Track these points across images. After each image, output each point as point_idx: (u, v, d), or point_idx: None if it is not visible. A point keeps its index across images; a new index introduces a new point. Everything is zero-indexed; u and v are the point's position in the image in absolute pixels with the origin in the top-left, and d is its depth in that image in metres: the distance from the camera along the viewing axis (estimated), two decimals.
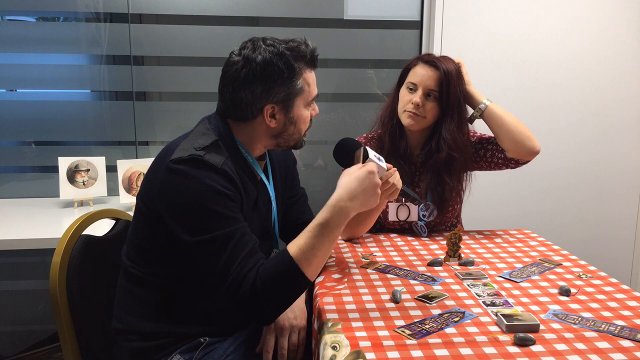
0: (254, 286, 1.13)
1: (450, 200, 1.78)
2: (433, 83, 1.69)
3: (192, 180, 1.18)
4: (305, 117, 1.36)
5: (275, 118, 1.31)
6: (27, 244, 1.85)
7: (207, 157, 1.21)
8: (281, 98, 1.28)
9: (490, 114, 1.72)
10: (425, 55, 1.76)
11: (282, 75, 1.26)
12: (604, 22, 2.59)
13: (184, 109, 2.52)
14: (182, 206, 1.19)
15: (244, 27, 2.48)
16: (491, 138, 1.78)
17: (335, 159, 1.46)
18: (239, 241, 1.18)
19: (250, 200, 1.35)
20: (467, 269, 1.51)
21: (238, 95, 1.28)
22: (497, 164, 1.77)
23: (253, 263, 1.17)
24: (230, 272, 1.15)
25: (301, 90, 1.30)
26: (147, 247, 1.29)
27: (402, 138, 1.79)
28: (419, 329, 1.14)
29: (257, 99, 1.27)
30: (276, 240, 1.52)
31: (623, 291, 1.36)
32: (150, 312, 1.31)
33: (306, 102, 1.34)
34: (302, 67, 1.29)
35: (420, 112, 1.70)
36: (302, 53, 1.29)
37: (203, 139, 1.27)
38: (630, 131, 2.72)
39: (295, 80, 1.28)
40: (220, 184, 1.20)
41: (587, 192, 2.74)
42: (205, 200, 1.18)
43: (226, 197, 1.20)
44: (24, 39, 2.40)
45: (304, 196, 1.64)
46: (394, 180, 1.44)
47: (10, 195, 2.44)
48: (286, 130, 1.34)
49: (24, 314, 2.55)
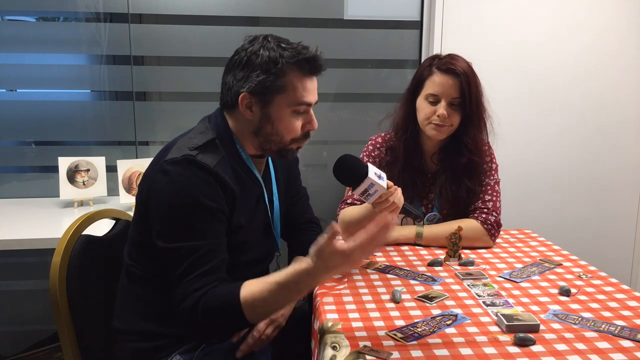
0: (194, 307, 1.13)
1: (464, 199, 1.74)
2: (455, 91, 1.65)
3: (178, 185, 1.18)
4: (288, 122, 1.29)
5: (251, 110, 1.28)
6: (27, 244, 1.85)
7: (199, 157, 1.20)
8: (258, 89, 1.25)
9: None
10: (439, 61, 1.69)
11: (262, 67, 1.23)
12: (605, 21, 2.59)
13: (184, 109, 2.52)
14: (162, 209, 1.20)
15: (244, 27, 2.48)
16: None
17: (335, 176, 1.44)
18: (201, 257, 1.17)
19: (251, 197, 1.34)
20: (467, 269, 1.51)
21: (225, 79, 1.31)
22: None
23: (204, 283, 1.15)
24: (181, 284, 1.16)
25: (283, 89, 1.25)
26: (145, 243, 1.29)
27: (418, 151, 1.76)
28: (410, 332, 1.14)
29: (236, 84, 1.27)
30: (277, 242, 1.50)
31: (623, 291, 1.36)
32: (150, 312, 1.31)
33: (290, 104, 1.27)
34: (291, 66, 1.24)
35: (447, 122, 1.67)
36: (295, 53, 1.25)
37: (199, 137, 1.27)
38: (630, 131, 2.71)
39: (278, 76, 1.24)
40: (205, 194, 1.19)
41: (587, 192, 2.74)
42: (183, 209, 1.18)
43: (206, 211, 1.19)
44: (24, 39, 2.39)
45: (306, 195, 1.63)
46: (394, 199, 1.43)
47: (10, 195, 2.43)
48: (262, 127, 1.29)
49: (24, 314, 2.55)
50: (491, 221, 1.69)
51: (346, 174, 1.41)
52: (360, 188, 1.40)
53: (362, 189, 1.40)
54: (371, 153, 1.81)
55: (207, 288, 1.15)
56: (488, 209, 1.71)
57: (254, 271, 1.40)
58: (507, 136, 2.55)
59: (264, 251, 1.45)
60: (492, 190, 1.75)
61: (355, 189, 1.41)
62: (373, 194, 1.41)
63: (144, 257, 1.31)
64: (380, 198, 1.42)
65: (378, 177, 1.39)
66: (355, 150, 1.60)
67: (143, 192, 1.27)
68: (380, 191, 1.40)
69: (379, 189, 1.40)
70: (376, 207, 1.46)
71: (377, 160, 1.79)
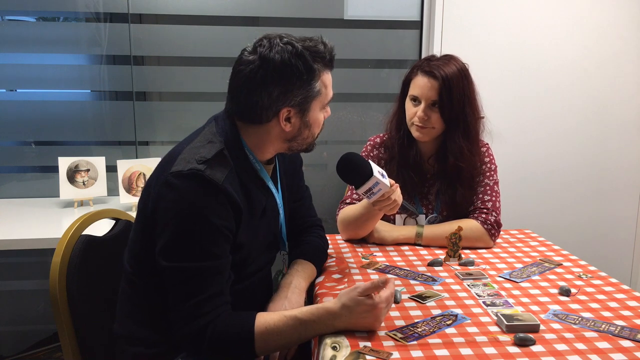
0: (200, 333, 1.11)
1: (461, 205, 1.74)
2: (434, 93, 1.64)
3: (185, 202, 1.13)
4: (320, 120, 1.30)
5: (290, 122, 1.24)
6: (27, 244, 1.85)
7: (208, 173, 1.14)
8: (299, 101, 1.22)
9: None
10: (425, 63, 1.70)
11: (301, 78, 1.19)
12: (605, 21, 2.59)
13: (184, 109, 2.52)
14: (168, 226, 1.15)
15: (244, 27, 2.48)
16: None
17: (340, 175, 1.44)
18: (207, 279, 1.14)
19: (257, 209, 1.30)
20: (467, 269, 1.51)
21: (253, 97, 1.20)
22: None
23: (211, 307, 1.12)
24: (184, 307, 1.12)
25: (319, 93, 1.24)
26: (147, 257, 1.22)
27: (412, 148, 1.76)
28: (410, 332, 1.13)
29: (274, 102, 1.20)
30: (284, 243, 1.48)
31: (623, 291, 1.36)
32: (151, 320, 1.28)
33: (322, 105, 1.29)
34: (321, 68, 1.23)
35: (427, 123, 1.67)
36: (320, 53, 1.22)
37: (207, 148, 1.20)
38: (631, 132, 2.71)
39: (314, 82, 1.22)
40: (215, 213, 1.14)
41: (588, 193, 2.74)
42: (191, 228, 1.13)
43: (215, 230, 1.15)
44: (24, 39, 2.39)
45: (309, 197, 1.61)
46: (395, 197, 1.43)
47: (10, 195, 2.43)
48: (301, 134, 1.28)
49: (24, 314, 2.55)
50: (491, 221, 1.69)
51: (351, 173, 1.40)
52: (364, 187, 1.40)
53: (367, 188, 1.40)
54: (370, 153, 1.82)
55: (214, 315, 1.12)
56: (488, 209, 1.71)
57: (258, 276, 1.38)
58: (508, 136, 2.56)
59: (268, 258, 1.43)
60: (491, 190, 1.75)
61: (359, 188, 1.41)
62: (377, 192, 1.41)
63: (145, 272, 1.26)
64: (383, 196, 1.42)
65: (382, 176, 1.40)
66: (354, 150, 1.60)
67: (148, 204, 1.21)
68: (383, 190, 1.41)
69: (383, 188, 1.40)
70: (376, 204, 1.46)
71: (376, 160, 1.79)
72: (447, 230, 1.59)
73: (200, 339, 1.11)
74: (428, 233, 1.69)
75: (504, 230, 1.80)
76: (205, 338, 1.11)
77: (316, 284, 1.42)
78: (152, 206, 1.19)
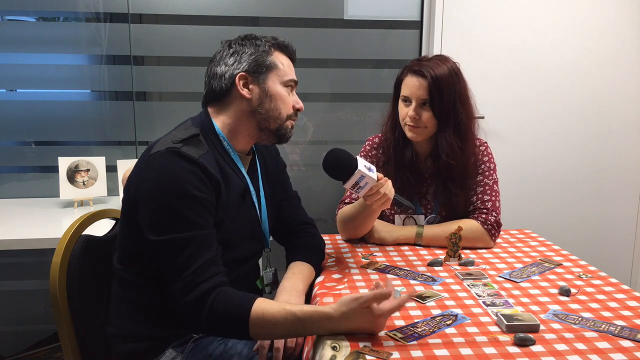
0: (201, 299, 1.13)
1: (458, 206, 1.74)
2: (423, 92, 1.65)
3: (164, 176, 1.19)
4: (283, 94, 1.36)
5: (248, 88, 1.33)
6: (27, 244, 1.85)
7: (184, 149, 1.21)
8: (252, 67, 1.32)
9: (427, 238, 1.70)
10: (415, 63, 1.70)
11: (251, 47, 1.34)
12: (605, 21, 2.59)
13: (184, 109, 2.51)
14: (151, 202, 1.20)
15: (244, 27, 2.48)
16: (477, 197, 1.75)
17: (326, 171, 1.45)
18: (197, 248, 1.17)
19: (235, 191, 1.34)
20: (467, 269, 1.51)
21: (214, 71, 1.35)
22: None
23: (209, 275, 1.16)
24: (182, 277, 1.15)
25: (274, 66, 1.34)
26: (134, 245, 1.27)
27: (407, 148, 1.76)
28: (410, 332, 1.13)
29: (229, 68, 1.33)
30: (266, 239, 1.50)
31: (623, 291, 1.36)
32: (141, 314, 1.31)
33: (281, 81, 1.36)
34: (276, 48, 1.36)
35: (419, 123, 1.68)
36: (278, 40, 1.37)
37: (182, 132, 1.29)
38: (630, 132, 2.72)
39: (267, 55, 1.34)
40: (194, 185, 1.19)
41: (588, 193, 2.74)
42: (173, 200, 1.18)
43: (196, 201, 1.19)
44: (24, 39, 2.40)
45: (297, 198, 1.63)
46: (385, 190, 1.44)
47: (10, 195, 2.43)
48: (262, 103, 1.34)
49: (24, 314, 2.55)
50: (491, 221, 1.69)
51: (336, 168, 1.42)
52: (351, 181, 1.41)
53: (353, 182, 1.41)
54: (368, 153, 1.82)
55: (214, 282, 1.15)
56: (487, 209, 1.71)
57: (244, 269, 1.41)
58: (508, 136, 2.57)
59: (252, 249, 1.45)
60: (491, 190, 1.75)
61: (346, 182, 1.43)
62: (364, 186, 1.42)
63: (133, 259, 1.30)
64: (371, 190, 1.44)
65: (368, 169, 1.40)
66: (354, 150, 1.60)
67: (130, 193, 1.26)
68: (370, 183, 1.41)
69: (370, 181, 1.41)
70: (367, 199, 1.47)
71: (375, 160, 1.79)
72: (447, 230, 1.59)
73: (200, 307, 1.13)
74: (428, 233, 1.69)
75: (504, 230, 1.80)
76: (205, 306, 1.13)
77: (316, 284, 1.42)
78: (134, 191, 1.24)
